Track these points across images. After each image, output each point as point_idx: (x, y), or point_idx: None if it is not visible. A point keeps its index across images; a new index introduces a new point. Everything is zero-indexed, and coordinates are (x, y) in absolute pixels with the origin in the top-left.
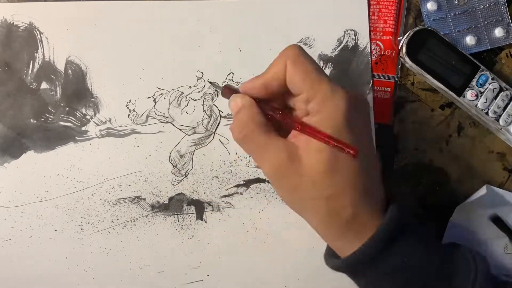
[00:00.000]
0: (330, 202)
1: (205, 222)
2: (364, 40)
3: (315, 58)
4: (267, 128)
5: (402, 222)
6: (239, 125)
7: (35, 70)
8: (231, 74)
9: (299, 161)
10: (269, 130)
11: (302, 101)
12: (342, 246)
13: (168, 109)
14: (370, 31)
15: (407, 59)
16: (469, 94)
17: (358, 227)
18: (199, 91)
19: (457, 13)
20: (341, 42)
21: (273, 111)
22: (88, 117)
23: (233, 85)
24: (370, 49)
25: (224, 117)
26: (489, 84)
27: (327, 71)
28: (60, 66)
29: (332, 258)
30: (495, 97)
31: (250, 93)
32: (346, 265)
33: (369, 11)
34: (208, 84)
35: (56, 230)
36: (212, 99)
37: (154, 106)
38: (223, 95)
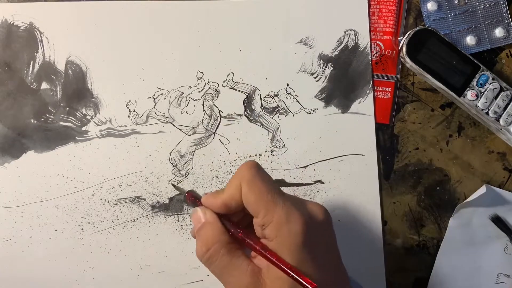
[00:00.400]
0: None
1: None
2: (364, 40)
3: (315, 58)
4: (231, 247)
5: None
6: (204, 244)
7: (35, 70)
8: (231, 74)
9: (262, 284)
10: (233, 249)
11: (258, 224)
12: None
13: (168, 109)
14: (370, 31)
15: (407, 59)
16: (470, 94)
17: None
18: (199, 91)
19: (457, 13)
20: (341, 42)
21: (235, 229)
22: (88, 117)
23: (234, 84)
24: (371, 49)
25: (224, 117)
26: (490, 84)
27: (327, 71)
28: (61, 66)
29: None
30: (496, 97)
31: (211, 209)
32: None
33: (369, 11)
34: (208, 84)
35: (56, 230)
36: (213, 99)
37: (154, 106)
38: (185, 200)
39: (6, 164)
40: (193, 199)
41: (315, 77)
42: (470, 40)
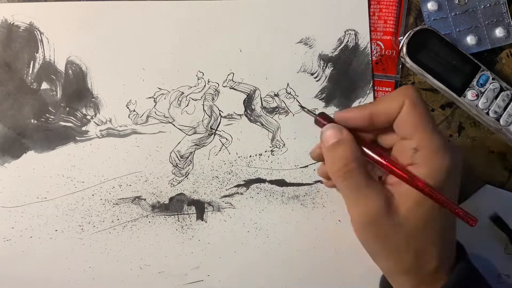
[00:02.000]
0: (418, 255)
1: (206, 222)
2: (364, 40)
3: (316, 58)
4: (366, 169)
5: (468, 283)
6: (342, 158)
7: (35, 70)
8: (231, 74)
9: (395, 212)
10: (368, 172)
11: (407, 146)
12: None
13: (169, 109)
14: (370, 31)
15: (407, 59)
16: (470, 94)
17: (433, 280)
18: (199, 91)
19: (457, 13)
20: (341, 42)
21: (379, 155)
22: (88, 117)
23: (234, 84)
24: (371, 49)
25: (225, 117)
26: (490, 84)
27: (328, 71)
28: (61, 66)
29: None
30: (496, 97)
31: (349, 123)
32: None
33: (369, 11)
34: (208, 84)
35: (56, 230)
36: (213, 99)
37: (155, 106)
38: (316, 123)
39: (6, 164)
40: (326, 120)
41: (315, 77)
42: (470, 40)
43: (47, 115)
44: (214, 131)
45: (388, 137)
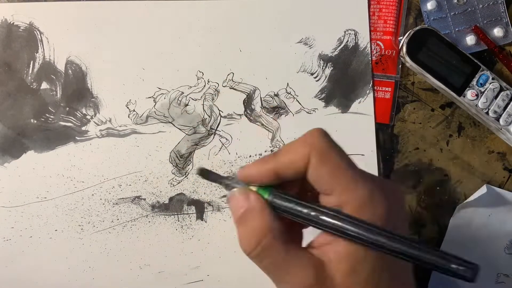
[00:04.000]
0: None
1: (206, 222)
2: (364, 40)
3: (315, 58)
4: (285, 237)
5: None
6: (252, 235)
7: (35, 70)
8: (231, 74)
9: (331, 282)
10: (287, 240)
11: (331, 204)
12: None
13: (168, 109)
14: (370, 31)
15: (407, 59)
16: (470, 93)
17: None
18: (199, 91)
19: (456, 12)
20: (341, 42)
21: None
22: (88, 117)
23: (234, 84)
24: (371, 49)
25: (224, 117)
26: (490, 83)
27: (327, 71)
28: (60, 66)
29: None
30: (496, 97)
31: (254, 182)
32: None
33: (369, 11)
34: (208, 84)
35: (56, 230)
36: (212, 99)
37: (154, 106)
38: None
39: (6, 164)
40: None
41: (315, 77)
42: (470, 39)
43: (47, 115)
44: (214, 131)
45: (314, 193)
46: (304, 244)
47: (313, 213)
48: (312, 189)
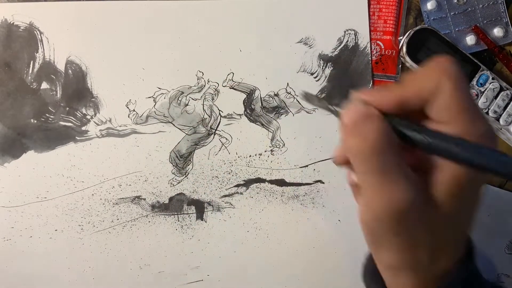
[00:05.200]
0: (436, 253)
1: (205, 222)
2: (364, 40)
3: (315, 58)
4: (397, 151)
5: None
6: (370, 133)
7: (35, 70)
8: (231, 74)
9: (430, 203)
10: (400, 156)
11: (449, 131)
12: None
13: (168, 109)
14: (370, 31)
15: (407, 59)
16: None
17: (437, 280)
18: (199, 91)
19: (456, 12)
20: (341, 42)
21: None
22: (88, 117)
23: (234, 84)
24: (371, 49)
25: (224, 117)
26: (489, 83)
27: (327, 71)
28: (60, 66)
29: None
30: (496, 97)
31: (376, 107)
32: None
33: (369, 11)
34: (208, 84)
35: (56, 230)
36: (212, 98)
37: (154, 106)
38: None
39: (6, 164)
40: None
41: (315, 77)
42: (469, 39)
43: (47, 115)
44: (214, 130)
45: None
46: None
47: (439, 142)
48: (423, 119)
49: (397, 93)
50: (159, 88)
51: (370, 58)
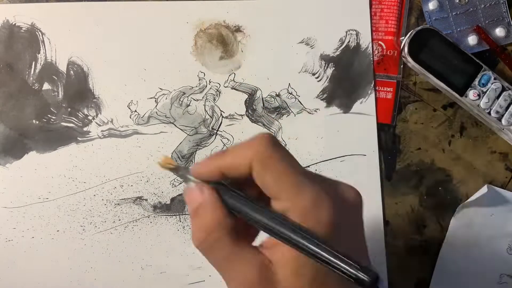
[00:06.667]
0: None
1: None
2: (366, 40)
3: (317, 58)
4: (235, 234)
5: None
6: (202, 228)
7: (37, 71)
8: (233, 74)
9: (272, 283)
10: (237, 237)
11: (278, 209)
12: None
13: (170, 109)
14: (372, 31)
15: (409, 59)
16: (471, 93)
17: None
18: (201, 91)
19: (458, 12)
20: (342, 42)
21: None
22: (90, 117)
23: (235, 85)
24: (372, 49)
25: (226, 117)
26: (492, 83)
27: (329, 71)
28: (62, 67)
29: None
30: (498, 97)
31: (203, 178)
32: None
33: (371, 11)
34: (210, 85)
35: (58, 231)
36: (214, 99)
37: (156, 106)
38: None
39: (8, 164)
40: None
41: (317, 77)
42: (471, 39)
43: (49, 115)
44: (215, 131)
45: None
46: (258, 243)
47: (257, 216)
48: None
49: (218, 164)
50: (160, 88)
51: (371, 59)
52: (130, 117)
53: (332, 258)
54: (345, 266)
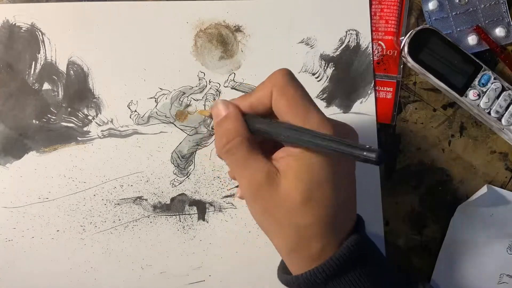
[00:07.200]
0: (300, 231)
1: (207, 222)
2: (366, 40)
3: (317, 58)
4: (252, 144)
5: (355, 255)
6: (224, 135)
7: (37, 71)
8: (233, 74)
9: (276, 185)
10: (253, 146)
11: None
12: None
13: (170, 109)
14: (372, 31)
15: (409, 59)
16: (471, 93)
17: (323, 259)
18: (200, 91)
19: (458, 12)
20: (342, 42)
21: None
22: (90, 117)
23: (235, 85)
24: (372, 49)
25: None
26: (491, 83)
27: (329, 71)
28: (62, 67)
29: (284, 273)
30: (497, 97)
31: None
32: (297, 283)
33: (370, 11)
34: (209, 85)
35: (58, 231)
36: (214, 99)
37: (156, 106)
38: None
39: (8, 164)
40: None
41: (317, 77)
42: (471, 39)
43: (49, 115)
44: None
45: None
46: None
47: (279, 128)
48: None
49: (247, 102)
50: (160, 88)
51: (371, 58)
52: (130, 117)
53: (343, 147)
54: (354, 150)
